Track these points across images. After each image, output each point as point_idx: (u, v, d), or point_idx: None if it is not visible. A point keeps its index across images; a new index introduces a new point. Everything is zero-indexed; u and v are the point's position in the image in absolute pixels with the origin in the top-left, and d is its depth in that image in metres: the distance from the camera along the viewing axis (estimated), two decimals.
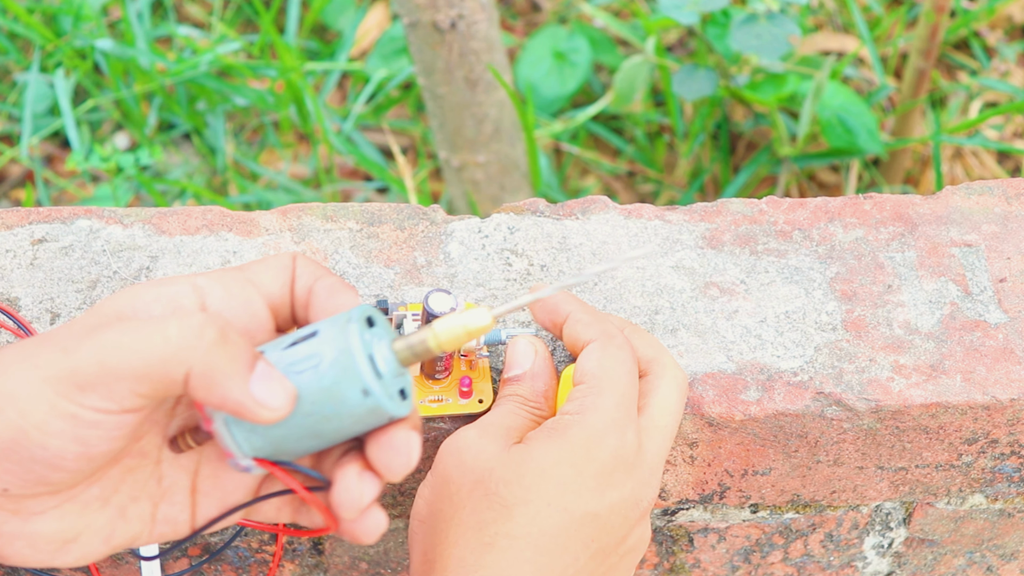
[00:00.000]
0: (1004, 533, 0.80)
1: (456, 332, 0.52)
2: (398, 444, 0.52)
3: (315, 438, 0.52)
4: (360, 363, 0.50)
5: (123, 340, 0.48)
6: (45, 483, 0.49)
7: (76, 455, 0.48)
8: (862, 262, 0.74)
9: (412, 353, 0.53)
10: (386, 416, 0.51)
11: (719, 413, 0.68)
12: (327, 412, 0.51)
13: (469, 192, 1.24)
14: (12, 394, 0.47)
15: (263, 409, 0.49)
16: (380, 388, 0.51)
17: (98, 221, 0.75)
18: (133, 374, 0.47)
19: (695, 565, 0.81)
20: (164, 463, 0.54)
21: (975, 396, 0.68)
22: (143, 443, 0.53)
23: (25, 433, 0.47)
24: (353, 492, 0.52)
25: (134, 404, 0.48)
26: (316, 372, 0.51)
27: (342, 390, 0.51)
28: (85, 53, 1.45)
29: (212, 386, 0.48)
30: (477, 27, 1.10)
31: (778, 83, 1.24)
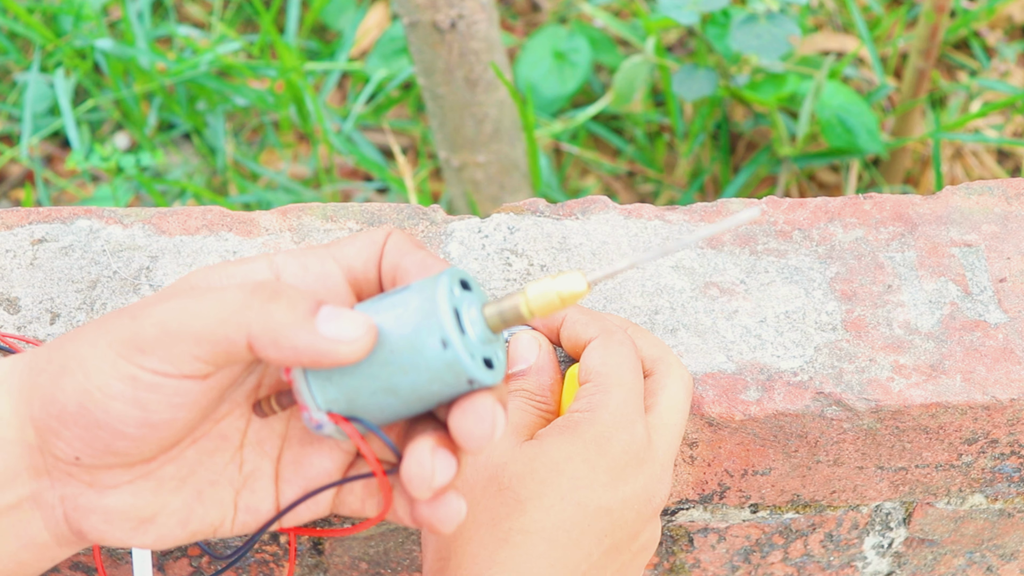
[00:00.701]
0: (1004, 533, 0.80)
1: (549, 298, 0.49)
2: (481, 410, 0.48)
3: (391, 394, 0.49)
4: (443, 312, 0.48)
5: (184, 305, 0.47)
6: (112, 452, 0.48)
7: (137, 421, 0.47)
8: (862, 262, 0.74)
9: (502, 319, 0.50)
10: (465, 377, 0.48)
11: (719, 413, 0.68)
12: (404, 362, 0.48)
13: (469, 192, 1.24)
14: (81, 357, 0.47)
15: (337, 344, 0.47)
16: (461, 343, 0.48)
17: (98, 221, 0.75)
18: (192, 336, 0.46)
19: (695, 565, 0.81)
20: (247, 448, 0.53)
21: (975, 396, 0.68)
22: (223, 426, 0.52)
23: (90, 395, 0.47)
24: (425, 466, 0.49)
25: (193, 369, 0.47)
26: (398, 318, 0.48)
27: (421, 338, 0.48)
28: (85, 53, 1.45)
29: (277, 339, 0.46)
30: (477, 27, 1.10)
31: (778, 83, 1.24)
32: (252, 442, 0.53)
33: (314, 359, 0.47)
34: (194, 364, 0.47)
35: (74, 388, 0.47)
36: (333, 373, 0.49)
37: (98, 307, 0.71)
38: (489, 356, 0.50)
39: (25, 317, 0.70)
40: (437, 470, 0.49)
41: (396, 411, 0.50)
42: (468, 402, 0.49)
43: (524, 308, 0.49)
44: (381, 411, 0.50)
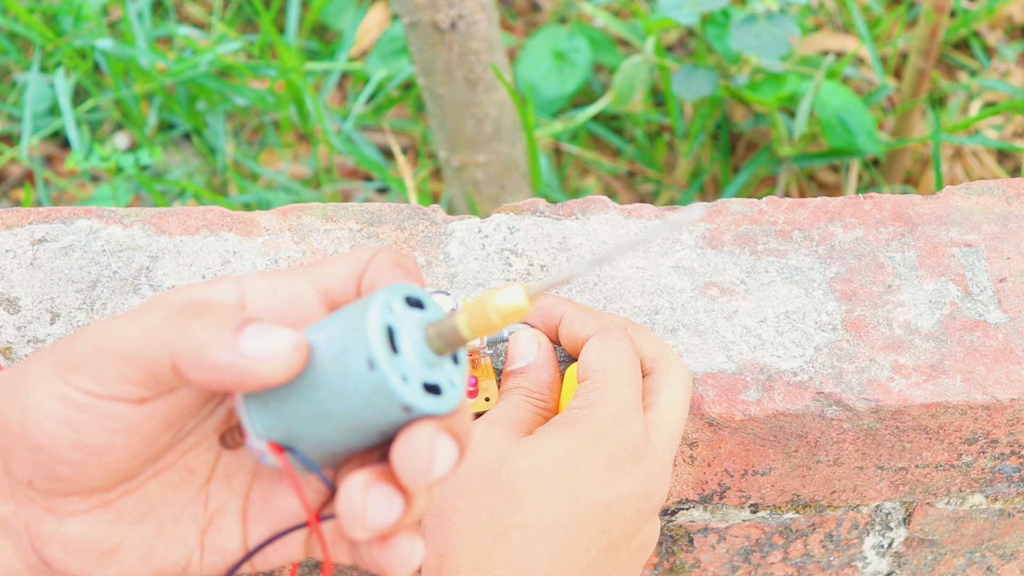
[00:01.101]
0: (1004, 533, 0.80)
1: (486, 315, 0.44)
2: (416, 441, 0.44)
3: (326, 421, 0.45)
4: (370, 329, 0.43)
5: (117, 324, 0.45)
6: (56, 477, 0.46)
7: (71, 444, 0.45)
8: (862, 262, 0.74)
9: (442, 339, 0.45)
10: (397, 403, 0.44)
11: (719, 413, 0.68)
12: (333, 385, 0.44)
13: (469, 192, 1.24)
14: (24, 376, 0.46)
15: (259, 362, 0.43)
16: (390, 364, 0.43)
17: (98, 221, 0.75)
18: (119, 356, 0.44)
19: (695, 565, 0.81)
20: (214, 483, 0.50)
21: (975, 396, 0.68)
22: (189, 458, 0.49)
23: (27, 414, 0.45)
24: (355, 502, 0.45)
25: (123, 391, 0.45)
26: (330, 337, 0.45)
27: (349, 358, 0.44)
28: (85, 53, 1.45)
29: (198, 359, 0.43)
30: (477, 27, 1.10)
31: (778, 83, 1.24)
32: (220, 477, 0.50)
33: (235, 379, 0.44)
34: (123, 386, 0.45)
35: (16, 407, 0.46)
36: (269, 397, 0.46)
37: (98, 307, 0.71)
38: (435, 381, 0.45)
39: (25, 317, 0.70)
40: (369, 507, 0.45)
41: (338, 441, 0.46)
42: (405, 432, 0.45)
43: (462, 327, 0.45)
44: (320, 441, 0.46)
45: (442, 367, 0.46)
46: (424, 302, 0.46)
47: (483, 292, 0.45)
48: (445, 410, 0.45)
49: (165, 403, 0.46)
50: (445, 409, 0.45)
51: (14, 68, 1.50)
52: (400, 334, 0.45)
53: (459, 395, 0.46)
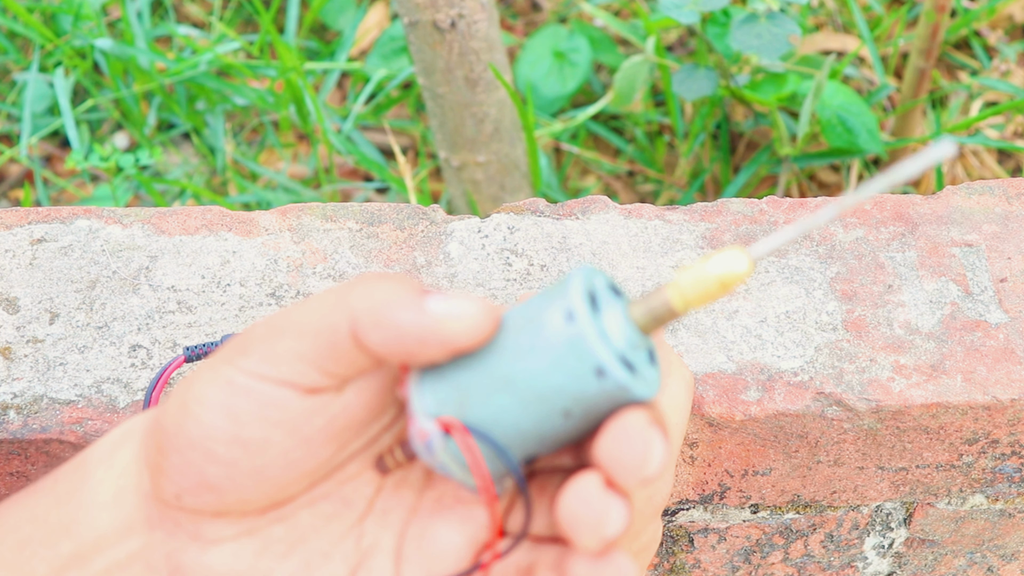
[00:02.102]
0: (1005, 533, 0.80)
1: (706, 284, 0.40)
2: (629, 427, 0.40)
3: (507, 391, 0.41)
4: (573, 289, 0.40)
5: (296, 306, 0.43)
6: (206, 485, 0.43)
7: (227, 435, 0.42)
8: (862, 262, 0.74)
9: (651, 315, 0.41)
10: (592, 363, 0.40)
11: (719, 413, 0.67)
12: (523, 344, 0.40)
13: (469, 192, 1.24)
14: (192, 377, 0.43)
15: (447, 320, 0.40)
16: (590, 320, 0.40)
17: (97, 221, 0.75)
18: (295, 328, 0.42)
19: (695, 565, 0.81)
20: (370, 518, 0.46)
21: (976, 396, 0.68)
22: (347, 490, 0.45)
23: (186, 408, 0.42)
24: (595, 505, 0.40)
25: (293, 372, 0.42)
26: (527, 306, 0.41)
27: (544, 315, 0.40)
28: (84, 52, 1.45)
29: (379, 318, 0.40)
30: (477, 26, 1.10)
31: (778, 83, 1.24)
32: (377, 512, 0.46)
33: (419, 339, 0.40)
34: (295, 365, 0.42)
35: (175, 406, 0.43)
36: (446, 369, 0.42)
37: (97, 307, 0.71)
38: (632, 361, 0.41)
39: (24, 317, 0.70)
40: (612, 511, 0.40)
41: (516, 421, 0.41)
42: (613, 419, 0.41)
43: (677, 299, 0.40)
44: (496, 419, 0.41)
45: (641, 355, 0.42)
46: (621, 293, 0.43)
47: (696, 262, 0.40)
48: (642, 394, 0.41)
49: (330, 404, 0.43)
50: (642, 393, 0.41)
51: (13, 68, 1.50)
52: (601, 301, 0.41)
53: (654, 390, 0.42)
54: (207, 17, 1.56)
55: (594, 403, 0.41)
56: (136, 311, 0.71)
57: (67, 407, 0.66)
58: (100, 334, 0.69)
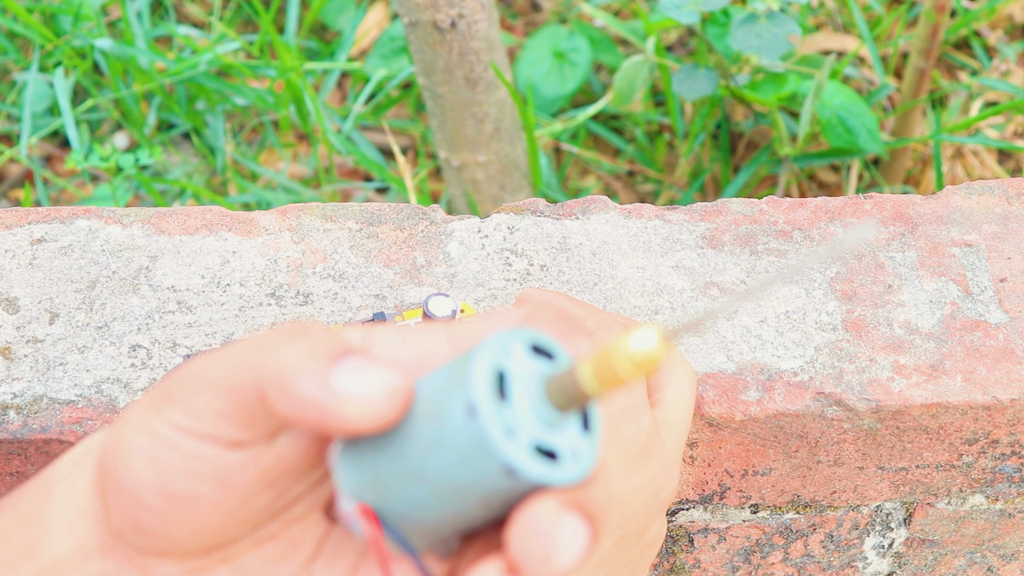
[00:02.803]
0: (1005, 533, 0.80)
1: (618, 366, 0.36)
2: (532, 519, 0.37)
3: (419, 483, 0.38)
4: (476, 372, 0.37)
5: (218, 351, 0.41)
6: (142, 530, 0.41)
7: (154, 487, 0.40)
8: (862, 262, 0.74)
9: (564, 392, 0.38)
10: (498, 463, 0.37)
11: (719, 413, 0.67)
12: (429, 436, 0.37)
13: (469, 192, 1.24)
14: (129, 412, 0.42)
15: (347, 402, 0.37)
16: (493, 412, 0.36)
17: (97, 221, 0.75)
18: (212, 383, 0.40)
19: (695, 565, 0.81)
20: (319, 562, 0.44)
21: (976, 396, 0.68)
22: (295, 531, 0.44)
23: (117, 451, 0.41)
24: None
25: (213, 428, 0.40)
26: (436, 382, 0.38)
27: (448, 404, 0.37)
28: (84, 52, 1.45)
29: (284, 387, 0.38)
30: (477, 26, 1.10)
31: (778, 83, 1.24)
32: (327, 554, 0.44)
33: (319, 418, 0.38)
34: (214, 421, 0.40)
35: (111, 445, 0.42)
36: (364, 450, 0.39)
37: (97, 307, 0.71)
38: (552, 445, 0.38)
39: (24, 317, 0.70)
40: None
41: (433, 511, 0.39)
42: (521, 508, 0.38)
43: (585, 379, 0.37)
44: (413, 509, 0.39)
45: (565, 431, 0.39)
46: (555, 354, 0.39)
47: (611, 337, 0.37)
48: (561, 481, 0.38)
49: (260, 455, 0.41)
50: (561, 480, 0.38)
51: (13, 68, 1.50)
52: (513, 382, 0.38)
53: (585, 468, 0.38)
54: (207, 17, 1.56)
55: (513, 495, 0.38)
56: (136, 311, 0.71)
57: (67, 407, 0.66)
58: (100, 334, 0.69)
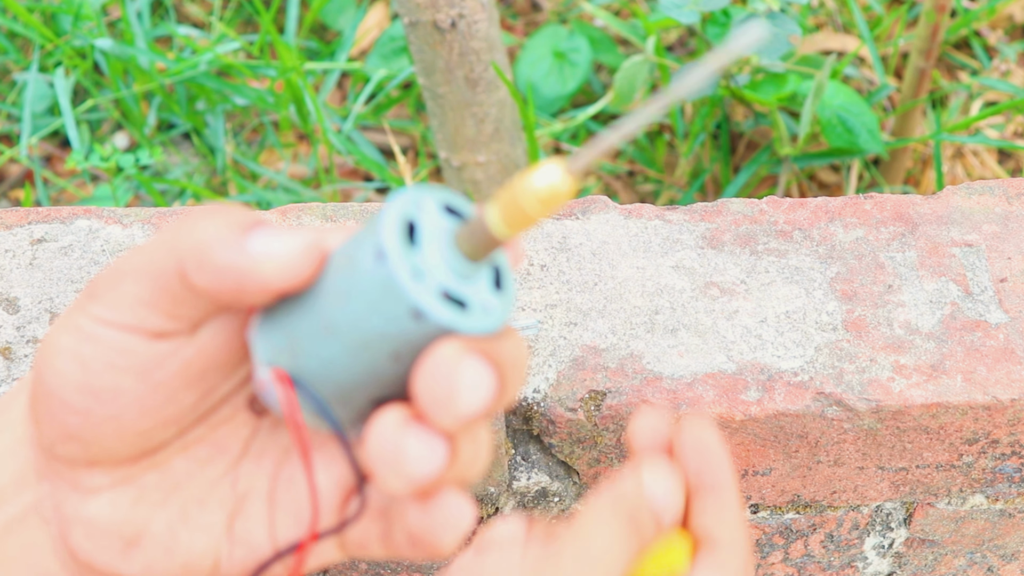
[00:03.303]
0: (1005, 533, 0.80)
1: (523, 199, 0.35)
2: (435, 360, 0.37)
3: (331, 338, 0.38)
4: (387, 220, 0.37)
5: (138, 246, 0.41)
6: (70, 435, 0.41)
7: (78, 383, 0.41)
8: (862, 262, 0.74)
9: (472, 238, 0.37)
10: (405, 304, 0.36)
11: (719, 413, 0.67)
12: (340, 286, 0.38)
13: (469, 192, 1.24)
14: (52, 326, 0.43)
15: (263, 262, 0.38)
16: (401, 255, 0.36)
17: (97, 221, 0.75)
18: (132, 272, 0.40)
19: None
20: (246, 462, 0.45)
21: (976, 396, 0.68)
22: (221, 433, 0.44)
23: (44, 356, 0.41)
24: (388, 442, 0.38)
25: (137, 317, 0.40)
26: (350, 239, 0.39)
27: (359, 252, 0.38)
28: (85, 52, 1.45)
29: (202, 259, 0.39)
30: (477, 26, 1.10)
31: (778, 83, 1.24)
32: (252, 455, 0.45)
33: (237, 281, 0.38)
34: (137, 310, 0.40)
35: (39, 355, 0.42)
36: (279, 313, 0.40)
37: None
38: (461, 295, 0.38)
39: (24, 317, 0.70)
40: (407, 448, 0.38)
41: (345, 368, 0.39)
42: (426, 351, 0.38)
43: (493, 221, 0.36)
44: (327, 366, 0.39)
45: (477, 284, 0.39)
46: (465, 215, 0.39)
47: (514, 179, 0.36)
48: (474, 328, 0.38)
49: (182, 347, 0.41)
50: (474, 327, 0.38)
51: (13, 68, 1.50)
52: (423, 231, 0.38)
53: (496, 320, 0.38)
54: (207, 17, 1.56)
55: (422, 345, 0.38)
56: None
57: None
58: None
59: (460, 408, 0.38)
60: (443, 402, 0.38)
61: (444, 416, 0.38)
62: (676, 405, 0.67)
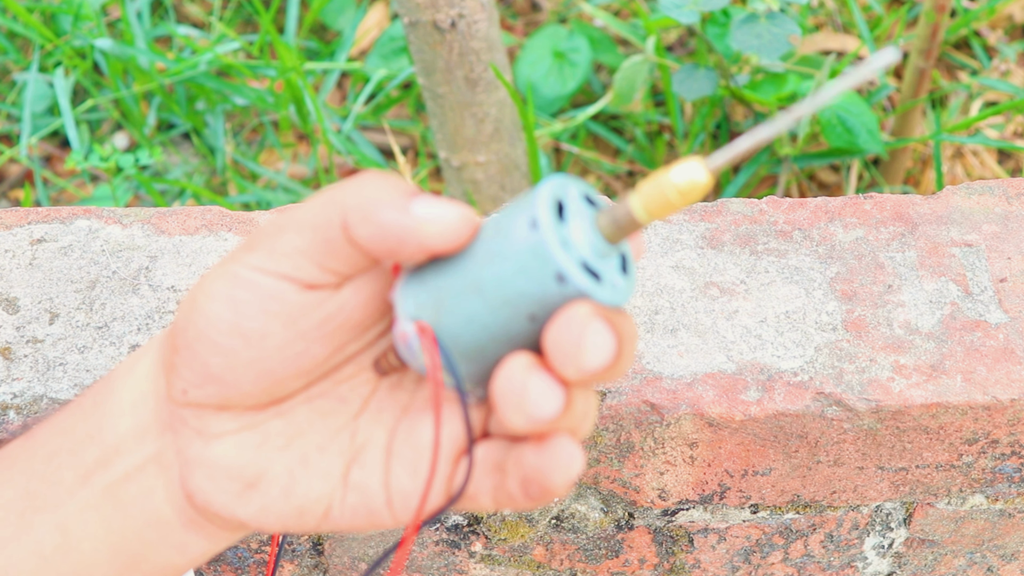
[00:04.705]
0: (1004, 533, 0.80)
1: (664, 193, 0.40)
2: (569, 317, 0.41)
3: (476, 294, 0.43)
4: (540, 197, 0.42)
5: (301, 203, 0.45)
6: (209, 376, 0.45)
7: (228, 325, 0.44)
8: (862, 262, 0.74)
9: (615, 223, 0.42)
10: (552, 269, 0.41)
11: (719, 413, 0.67)
12: (491, 249, 0.42)
13: (469, 192, 1.24)
14: (201, 279, 0.46)
15: (426, 222, 0.42)
16: (553, 228, 0.41)
17: (97, 221, 0.75)
18: (294, 224, 0.44)
19: (695, 565, 0.81)
20: (364, 416, 0.48)
21: (975, 396, 0.68)
22: (343, 389, 0.48)
23: (195, 302, 0.45)
24: (516, 382, 0.42)
25: (292, 266, 0.44)
26: (502, 214, 0.43)
27: (512, 222, 0.42)
28: (84, 52, 1.45)
29: (368, 214, 0.43)
30: (477, 26, 1.10)
31: (778, 83, 1.24)
32: (372, 411, 0.48)
33: (399, 238, 0.42)
34: (294, 260, 0.44)
35: (187, 302, 0.45)
36: (427, 275, 0.44)
37: (97, 307, 0.71)
38: (597, 268, 0.43)
39: (24, 317, 0.70)
40: (531, 390, 0.42)
41: (485, 324, 0.43)
42: (561, 310, 0.42)
43: (639, 209, 0.41)
44: (468, 322, 0.43)
45: (609, 264, 0.43)
46: (600, 206, 0.44)
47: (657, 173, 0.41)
48: (605, 299, 0.42)
49: (327, 300, 0.45)
50: (605, 298, 0.42)
51: (13, 68, 1.50)
52: (569, 210, 0.43)
53: (622, 296, 0.43)
54: (207, 17, 1.56)
55: (558, 308, 0.42)
56: (136, 311, 0.71)
57: None
58: (100, 334, 0.69)
59: (584, 361, 0.42)
60: (570, 353, 0.41)
61: (568, 366, 0.42)
62: (676, 405, 0.67)
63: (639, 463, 0.71)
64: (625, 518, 0.76)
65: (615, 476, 0.72)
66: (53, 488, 0.47)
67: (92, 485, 0.47)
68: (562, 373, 0.42)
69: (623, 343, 0.43)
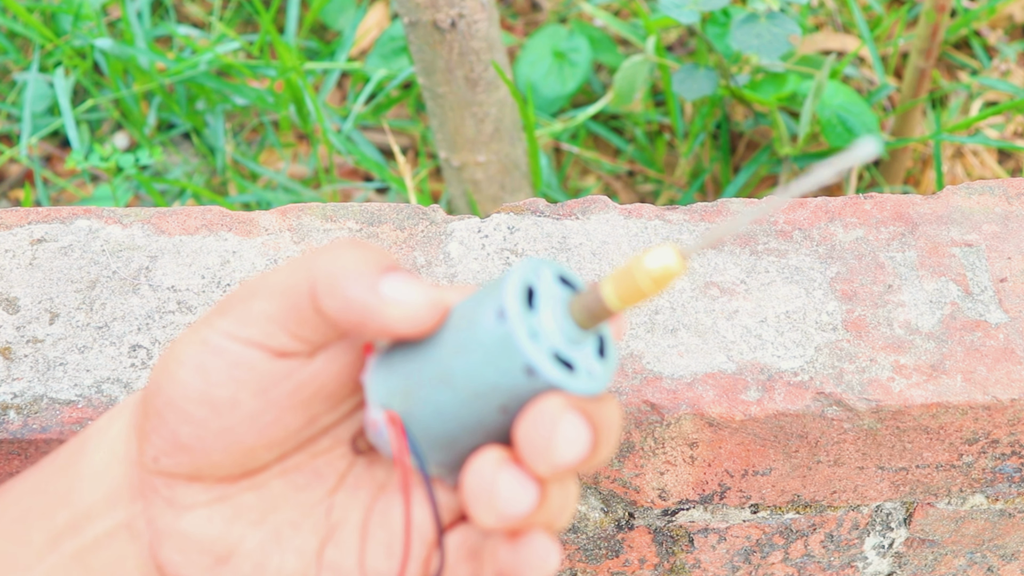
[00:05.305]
0: (1005, 533, 0.80)
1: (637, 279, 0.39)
2: (539, 411, 0.40)
3: (446, 385, 0.41)
4: (509, 284, 0.40)
5: (274, 268, 0.44)
6: (180, 446, 0.43)
7: (198, 393, 0.43)
8: (862, 262, 0.74)
9: (585, 309, 0.41)
10: (520, 362, 0.40)
11: (719, 413, 0.67)
12: (459, 339, 0.41)
13: (469, 192, 1.24)
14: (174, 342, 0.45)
15: (390, 305, 0.41)
16: (520, 316, 0.40)
17: (97, 221, 0.75)
18: (265, 290, 0.43)
19: (695, 565, 0.81)
20: (340, 493, 0.47)
21: (976, 396, 0.68)
22: (320, 463, 0.46)
23: (165, 368, 0.44)
24: (485, 478, 0.41)
25: (262, 333, 0.42)
26: (470, 299, 0.42)
27: (480, 311, 0.41)
28: (84, 52, 1.45)
29: (335, 287, 0.41)
30: (477, 26, 1.10)
31: (778, 83, 1.24)
32: (348, 487, 0.47)
33: (362, 316, 0.41)
34: (265, 327, 0.42)
35: (158, 367, 0.44)
36: (397, 357, 0.43)
37: (97, 307, 0.71)
38: (570, 358, 0.41)
39: (24, 317, 0.70)
40: (501, 486, 0.40)
41: (455, 416, 0.42)
42: (531, 403, 0.41)
43: (608, 296, 0.40)
44: (437, 412, 0.42)
45: (583, 350, 0.42)
46: (575, 284, 0.43)
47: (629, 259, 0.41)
48: (579, 389, 0.41)
49: (299, 369, 0.44)
50: (579, 388, 0.41)
51: (13, 68, 1.50)
52: (540, 297, 0.41)
53: (599, 384, 0.42)
54: (207, 17, 1.56)
55: (529, 399, 0.41)
56: (136, 311, 0.71)
57: (67, 407, 0.66)
58: (100, 334, 0.69)
59: (556, 457, 0.40)
60: (541, 449, 0.40)
61: (540, 462, 0.40)
62: (676, 405, 0.67)
63: (639, 463, 0.71)
64: (625, 518, 0.76)
65: (615, 476, 0.72)
66: (23, 549, 0.46)
67: (62, 550, 0.45)
68: (534, 469, 0.41)
69: (600, 433, 0.41)
